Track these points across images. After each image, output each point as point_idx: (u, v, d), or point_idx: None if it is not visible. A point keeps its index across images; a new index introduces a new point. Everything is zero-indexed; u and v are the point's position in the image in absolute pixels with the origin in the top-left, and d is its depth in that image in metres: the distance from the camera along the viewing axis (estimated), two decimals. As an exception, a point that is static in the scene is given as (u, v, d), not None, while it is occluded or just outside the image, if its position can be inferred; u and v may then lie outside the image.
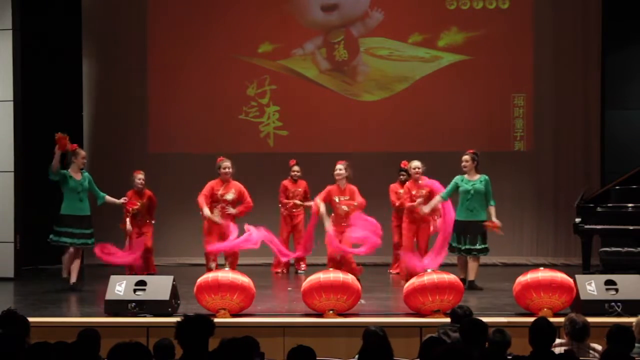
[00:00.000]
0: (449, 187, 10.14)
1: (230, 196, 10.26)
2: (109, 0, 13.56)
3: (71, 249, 10.05)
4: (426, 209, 10.18)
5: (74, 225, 10.02)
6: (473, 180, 10.11)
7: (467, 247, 10.01)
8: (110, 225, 11.16)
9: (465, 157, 10.21)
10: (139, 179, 11.03)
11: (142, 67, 13.43)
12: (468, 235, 10.01)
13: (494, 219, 10.02)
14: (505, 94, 13.31)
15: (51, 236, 10.07)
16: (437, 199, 10.17)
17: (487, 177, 10.13)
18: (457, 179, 10.15)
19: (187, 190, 12.22)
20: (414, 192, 10.57)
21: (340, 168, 10.22)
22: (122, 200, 10.42)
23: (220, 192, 10.27)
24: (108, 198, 10.32)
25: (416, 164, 10.67)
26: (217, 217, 10.12)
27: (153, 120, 13.46)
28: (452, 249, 10.12)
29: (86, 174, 10.21)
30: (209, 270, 9.64)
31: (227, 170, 10.33)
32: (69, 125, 13.04)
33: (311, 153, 11.72)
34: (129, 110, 13.41)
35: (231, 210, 10.22)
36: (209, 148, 12.94)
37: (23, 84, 11.88)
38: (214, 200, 10.26)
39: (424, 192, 10.51)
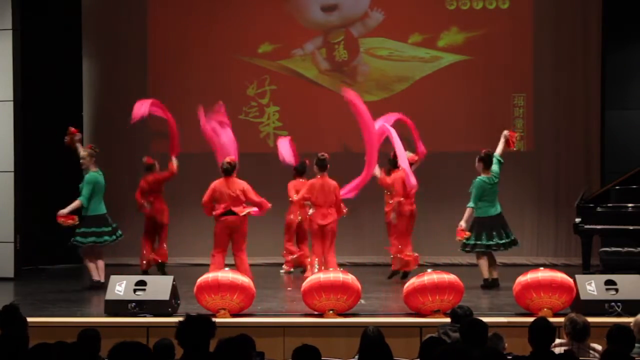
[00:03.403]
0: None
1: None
2: (109, 0, 13.57)
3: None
4: (462, 223, 10.13)
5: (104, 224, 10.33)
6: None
7: (496, 242, 10.15)
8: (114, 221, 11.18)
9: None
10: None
11: (142, 67, 13.44)
12: (494, 230, 10.18)
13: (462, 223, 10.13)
14: (505, 94, 13.30)
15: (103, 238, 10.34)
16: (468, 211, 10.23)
17: (476, 179, 10.23)
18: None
19: (187, 190, 12.24)
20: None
21: None
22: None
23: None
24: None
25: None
26: None
27: (153, 120, 13.44)
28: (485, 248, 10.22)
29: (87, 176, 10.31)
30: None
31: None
32: (69, 125, 13.07)
33: (311, 153, 11.71)
34: (128, 111, 13.38)
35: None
36: (209, 148, 12.89)
37: (23, 84, 11.90)
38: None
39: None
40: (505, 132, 10.51)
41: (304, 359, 4.83)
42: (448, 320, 6.74)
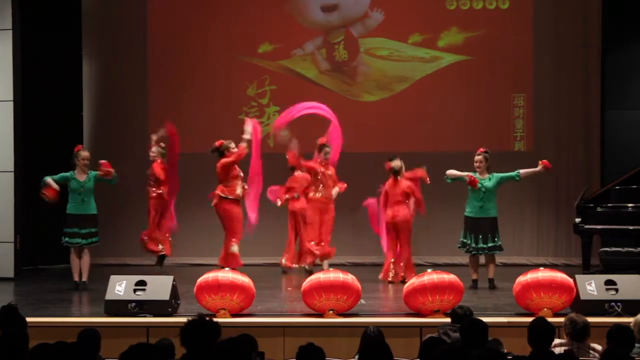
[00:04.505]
0: (460, 174, 10.34)
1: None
2: (109, 0, 13.56)
3: (74, 249, 10.13)
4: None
5: (77, 225, 10.11)
6: (483, 179, 10.20)
7: (481, 245, 10.11)
8: (114, 221, 11.17)
9: (479, 157, 10.39)
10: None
11: (142, 67, 13.43)
12: (480, 233, 10.12)
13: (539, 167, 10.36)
14: (505, 94, 13.30)
15: (63, 238, 10.21)
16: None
17: (495, 174, 10.30)
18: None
19: (187, 190, 12.21)
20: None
21: None
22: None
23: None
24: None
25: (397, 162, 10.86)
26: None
27: (153, 120, 13.44)
28: (465, 247, 10.28)
29: (92, 173, 10.25)
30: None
31: None
32: (69, 125, 13.09)
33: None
34: (128, 111, 13.41)
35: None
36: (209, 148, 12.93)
37: (23, 84, 11.90)
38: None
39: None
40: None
41: (308, 359, 4.83)
42: (448, 320, 6.74)
